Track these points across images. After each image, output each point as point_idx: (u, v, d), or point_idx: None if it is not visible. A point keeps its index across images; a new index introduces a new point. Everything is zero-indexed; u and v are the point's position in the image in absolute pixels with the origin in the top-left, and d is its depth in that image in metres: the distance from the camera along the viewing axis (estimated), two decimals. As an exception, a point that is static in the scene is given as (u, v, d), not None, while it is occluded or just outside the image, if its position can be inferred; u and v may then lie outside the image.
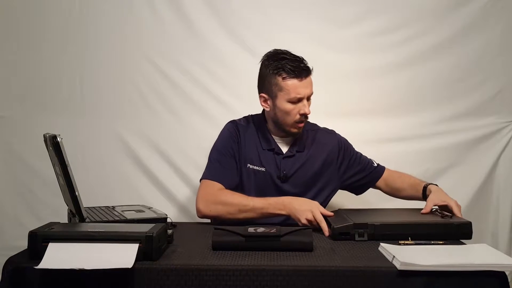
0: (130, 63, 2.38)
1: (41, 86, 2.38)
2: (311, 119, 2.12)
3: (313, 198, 1.81)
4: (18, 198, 2.37)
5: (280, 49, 1.84)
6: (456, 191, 2.36)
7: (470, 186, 2.41)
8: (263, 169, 1.85)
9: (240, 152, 1.87)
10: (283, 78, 1.77)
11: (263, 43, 2.24)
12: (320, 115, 2.30)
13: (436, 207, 1.70)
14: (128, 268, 1.16)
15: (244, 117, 1.99)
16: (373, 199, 2.12)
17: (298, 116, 1.81)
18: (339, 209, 1.76)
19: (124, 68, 2.38)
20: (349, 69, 2.39)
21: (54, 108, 2.37)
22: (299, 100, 1.79)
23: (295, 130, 1.85)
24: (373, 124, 2.39)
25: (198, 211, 1.78)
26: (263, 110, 1.94)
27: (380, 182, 1.98)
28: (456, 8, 2.38)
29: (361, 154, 2.01)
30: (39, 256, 1.20)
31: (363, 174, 1.97)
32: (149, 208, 1.76)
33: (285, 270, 1.22)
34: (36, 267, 1.16)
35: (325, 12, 2.39)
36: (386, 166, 2.01)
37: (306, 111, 1.80)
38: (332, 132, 2.01)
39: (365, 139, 2.37)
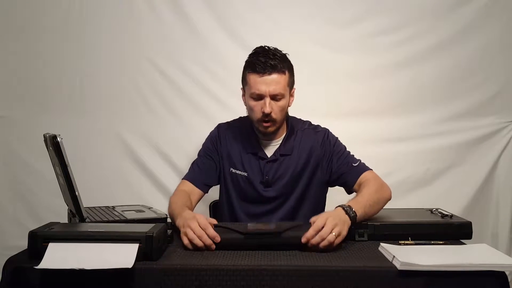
0: (130, 63, 2.38)
1: (41, 86, 2.38)
2: (312, 117, 2.13)
3: (297, 200, 1.80)
4: (18, 198, 2.37)
5: (266, 46, 1.77)
6: (456, 191, 2.39)
7: (470, 186, 2.41)
8: (245, 174, 1.80)
9: (222, 154, 1.84)
10: (248, 73, 1.73)
11: (263, 43, 2.24)
12: (320, 115, 2.30)
13: (434, 208, 1.70)
14: (128, 268, 1.16)
15: (235, 119, 1.95)
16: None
17: (260, 114, 1.71)
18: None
19: (124, 68, 2.38)
20: (349, 69, 2.39)
21: (54, 108, 2.37)
22: (259, 96, 1.70)
23: (261, 129, 1.76)
24: (373, 124, 2.39)
25: None
26: None
27: (356, 186, 1.76)
28: (456, 8, 2.38)
29: (344, 151, 1.83)
30: (39, 256, 1.19)
31: (342, 172, 1.79)
32: (149, 208, 1.75)
33: (285, 270, 1.21)
34: (36, 267, 1.15)
35: (325, 12, 2.38)
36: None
37: (266, 110, 1.68)
38: (320, 130, 1.87)
39: (365, 139, 2.38)
